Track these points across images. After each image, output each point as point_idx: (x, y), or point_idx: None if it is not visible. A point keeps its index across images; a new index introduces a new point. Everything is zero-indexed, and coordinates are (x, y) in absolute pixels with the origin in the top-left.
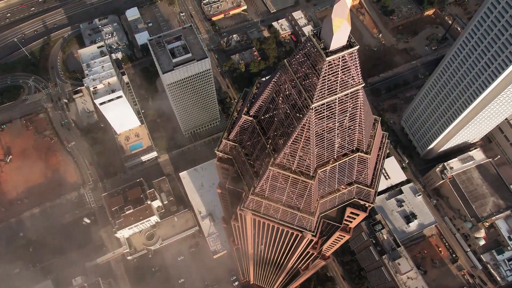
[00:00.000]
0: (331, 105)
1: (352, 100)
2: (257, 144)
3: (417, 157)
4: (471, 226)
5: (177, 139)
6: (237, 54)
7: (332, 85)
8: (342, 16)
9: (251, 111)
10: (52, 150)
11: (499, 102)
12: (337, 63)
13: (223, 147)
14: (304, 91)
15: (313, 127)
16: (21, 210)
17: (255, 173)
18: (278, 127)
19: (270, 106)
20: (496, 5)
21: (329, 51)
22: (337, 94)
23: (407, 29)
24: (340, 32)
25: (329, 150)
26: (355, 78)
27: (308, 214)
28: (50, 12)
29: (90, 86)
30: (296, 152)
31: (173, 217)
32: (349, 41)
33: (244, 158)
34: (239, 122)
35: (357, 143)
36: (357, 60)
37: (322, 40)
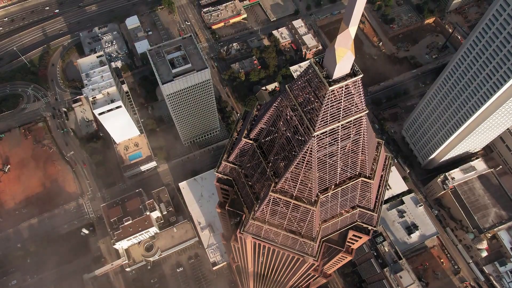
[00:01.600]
0: (334, 132)
1: (355, 126)
2: (257, 167)
3: (418, 167)
4: (473, 237)
5: (176, 148)
6: (237, 62)
7: (335, 112)
8: (345, 47)
9: (252, 134)
10: (51, 160)
11: (501, 113)
12: (340, 91)
13: (223, 168)
14: (306, 118)
15: (315, 153)
16: (19, 220)
17: (255, 196)
18: (279, 151)
19: (271, 129)
20: (497, 17)
21: (332, 80)
22: (339, 122)
23: (407, 38)
24: (344, 61)
25: (332, 175)
26: (358, 105)
27: (310, 240)
28: (49, 20)
29: (89, 96)
30: (297, 177)
31: (172, 228)
32: (353, 69)
33: (244, 180)
34: (239, 145)
35: (360, 168)
36: (361, 88)
37: (325, 69)
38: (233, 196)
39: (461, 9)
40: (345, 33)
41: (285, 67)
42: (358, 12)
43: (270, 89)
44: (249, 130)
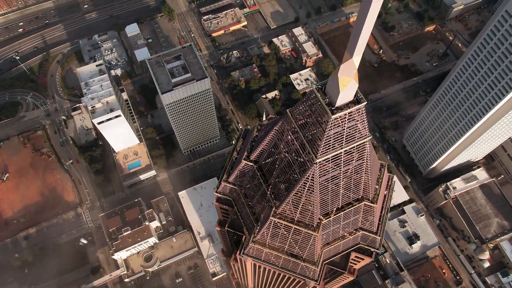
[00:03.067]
0: (337, 158)
1: (358, 152)
2: (257, 189)
3: (420, 176)
4: (475, 248)
5: (176, 157)
6: (237, 70)
7: (338, 139)
8: (349, 76)
9: (252, 156)
10: (50, 168)
11: (503, 123)
12: (344, 119)
13: (222, 189)
14: (308, 144)
15: (317, 179)
16: (17, 229)
17: (255, 218)
18: (280, 175)
19: (272, 152)
20: (499, 27)
21: (334, 108)
22: (342, 148)
23: (407, 45)
24: (347, 90)
25: (334, 199)
26: (362, 132)
27: (311, 264)
28: (49, 28)
29: (88, 105)
30: (299, 202)
31: (172, 238)
32: (356, 97)
33: (244, 201)
34: (239, 166)
35: (363, 191)
36: (364, 114)
37: (328, 96)
38: (233, 216)
39: (461, 16)
40: (349, 63)
41: (285, 75)
42: (363, 42)
43: (270, 97)
44: (249, 152)
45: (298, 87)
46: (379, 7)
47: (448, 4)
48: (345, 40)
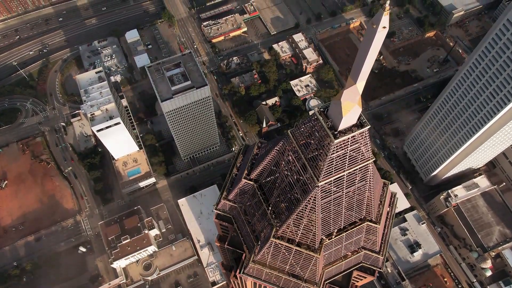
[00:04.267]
0: (339, 181)
1: (361, 173)
2: (258, 208)
3: (421, 183)
4: (477, 256)
5: (176, 164)
6: (237, 77)
7: (340, 162)
8: (352, 101)
9: (252, 175)
10: (49, 175)
11: (505, 132)
12: (346, 142)
13: (222, 206)
14: (309, 166)
15: (319, 201)
16: (16, 237)
17: (255, 236)
18: (280, 195)
19: (272, 171)
20: (501, 36)
21: (337, 132)
22: (345, 171)
23: (408, 51)
24: (350, 114)
25: (336, 220)
26: (365, 154)
27: (313, 285)
28: (49, 34)
29: (88, 113)
30: (300, 224)
31: (171, 246)
32: (360, 120)
33: (244, 219)
34: (239, 185)
35: (366, 212)
36: (368, 138)
37: (330, 120)
38: (232, 233)
39: (461, 22)
40: (353, 89)
41: (285, 81)
42: (367, 69)
43: (271, 104)
44: (249, 170)
45: (298, 94)
46: (383, 36)
47: (449, 10)
48: (345, 46)
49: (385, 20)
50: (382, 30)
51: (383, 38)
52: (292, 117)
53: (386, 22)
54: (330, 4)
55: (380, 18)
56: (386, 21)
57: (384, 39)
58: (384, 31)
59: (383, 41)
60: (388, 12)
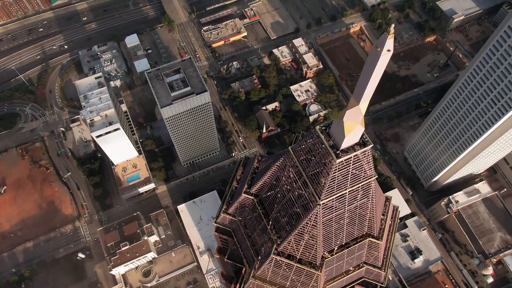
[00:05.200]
0: (341, 198)
1: (363, 190)
2: (258, 223)
3: (421, 189)
4: (478, 263)
5: (175, 169)
6: (237, 81)
7: (342, 181)
8: (355, 121)
9: (252, 189)
10: (48, 181)
11: (506, 138)
12: (349, 161)
13: (222, 219)
14: (310, 184)
15: (321, 219)
16: (14, 243)
17: (255, 251)
18: (281, 210)
19: (273, 187)
20: (502, 43)
21: (339, 151)
22: (347, 189)
23: (408, 56)
24: (353, 134)
25: (338, 237)
26: (367, 172)
27: None
28: (49, 38)
29: (87, 118)
30: (301, 241)
31: (171, 253)
32: (362, 139)
33: (244, 233)
34: (239, 199)
35: (368, 228)
36: (370, 156)
37: (332, 138)
38: (232, 246)
39: (462, 27)
40: (356, 109)
41: (285, 86)
42: (370, 90)
43: (271, 109)
44: (249, 184)
45: (298, 99)
46: (388, 59)
47: (449, 15)
48: (345, 50)
49: (390, 44)
50: (386, 53)
51: (387, 61)
52: (292, 122)
53: (390, 45)
54: (330, 9)
55: (384, 41)
56: (391, 44)
57: (388, 61)
58: (388, 54)
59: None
60: (393, 36)
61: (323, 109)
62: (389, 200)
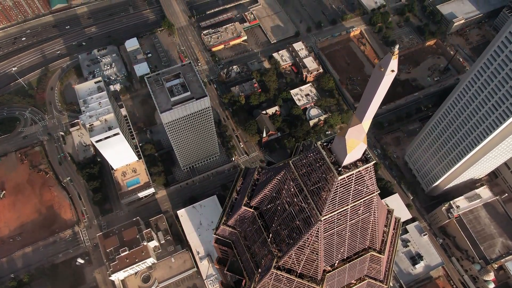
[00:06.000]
0: (342, 214)
1: (365, 205)
2: (258, 236)
3: (422, 193)
4: (479, 268)
5: (175, 173)
6: (237, 86)
7: (344, 197)
8: (358, 139)
9: (252, 202)
10: (47, 185)
11: (508, 143)
12: (351, 177)
13: (221, 231)
14: (312, 199)
15: (322, 235)
16: (13, 249)
17: (255, 264)
18: (282, 224)
19: (273, 200)
20: (503, 49)
21: (341, 168)
22: (349, 205)
23: (408, 60)
24: (355, 151)
25: (339, 251)
26: (370, 187)
27: None
28: (48, 42)
29: (86, 123)
30: (302, 256)
31: (170, 258)
32: (365, 156)
33: (244, 245)
34: (239, 211)
35: (370, 242)
36: (373, 172)
37: (334, 154)
38: (232, 258)
39: (462, 31)
40: (358, 127)
41: (285, 90)
42: (373, 109)
43: (271, 113)
44: (250, 197)
45: (298, 103)
46: (391, 79)
47: (449, 19)
48: (345, 54)
49: (394, 64)
50: (390, 73)
51: (391, 80)
52: (292, 127)
53: (394, 65)
54: (330, 13)
55: (388, 61)
56: (395, 65)
57: (391, 81)
58: (392, 75)
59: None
60: (397, 56)
61: (324, 114)
62: (391, 212)
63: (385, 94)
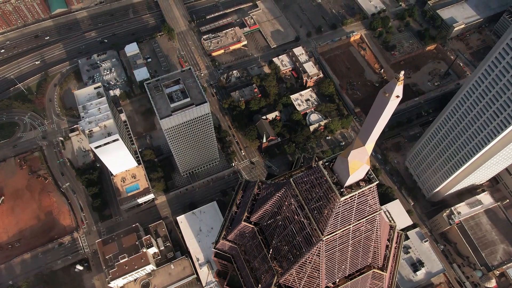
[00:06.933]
0: (345, 233)
1: (368, 223)
2: (258, 252)
3: (423, 199)
4: (481, 275)
5: (175, 179)
6: (237, 91)
7: (346, 216)
8: (361, 160)
9: (252, 218)
10: (46, 191)
11: (509, 150)
12: (353, 198)
13: (221, 245)
14: (313, 218)
15: (324, 253)
16: (12, 255)
17: (255, 280)
18: (282, 241)
19: (274, 217)
20: (504, 56)
21: (344, 188)
22: (351, 224)
23: (409, 64)
24: (358, 172)
25: (341, 269)
26: (372, 206)
27: None
28: (48, 47)
29: (86, 129)
30: (303, 274)
31: (170, 265)
32: (368, 175)
33: (243, 260)
34: (238, 227)
35: (372, 259)
36: (376, 191)
37: (336, 174)
38: (232, 272)
39: (462, 35)
40: (361, 150)
41: (285, 95)
42: (377, 133)
43: (271, 118)
44: (250, 212)
45: (298, 108)
46: (396, 104)
47: (449, 23)
48: (345, 59)
49: (399, 90)
50: (395, 99)
51: (395, 106)
52: (292, 132)
53: (399, 91)
54: (330, 17)
55: (393, 87)
56: (400, 91)
57: (396, 106)
58: (397, 100)
59: (384, 54)
60: (402, 82)
61: (324, 119)
62: (393, 228)
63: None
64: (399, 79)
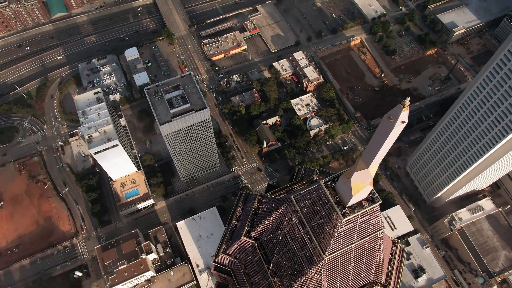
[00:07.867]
0: (347, 252)
1: (371, 241)
2: (259, 267)
3: (424, 205)
4: (482, 282)
5: (174, 184)
6: (237, 95)
7: (349, 236)
8: (364, 182)
9: (253, 233)
10: (45, 196)
11: (511, 155)
12: (356, 218)
13: (221, 259)
14: (314, 237)
15: (325, 272)
16: (11, 260)
17: None
18: (283, 256)
19: (274, 231)
20: (506, 62)
21: (346, 209)
22: (353, 244)
23: (409, 69)
24: (361, 193)
25: (343, 286)
26: (375, 225)
27: None
28: (48, 51)
29: (85, 135)
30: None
31: (169, 271)
32: (371, 195)
33: (243, 273)
34: (238, 241)
35: (374, 276)
36: (379, 210)
37: (338, 194)
38: (232, 286)
39: (463, 40)
40: (364, 172)
41: (286, 100)
42: (380, 156)
43: (271, 123)
44: (250, 227)
45: (299, 113)
46: (400, 130)
47: (450, 28)
48: (346, 63)
49: (404, 116)
50: (400, 124)
51: (400, 131)
52: (293, 137)
53: (405, 117)
54: (331, 22)
55: (398, 113)
56: (405, 117)
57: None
58: (402, 125)
59: (384, 58)
60: (408, 108)
61: (324, 124)
62: (396, 243)
63: (386, 103)
64: (405, 105)
